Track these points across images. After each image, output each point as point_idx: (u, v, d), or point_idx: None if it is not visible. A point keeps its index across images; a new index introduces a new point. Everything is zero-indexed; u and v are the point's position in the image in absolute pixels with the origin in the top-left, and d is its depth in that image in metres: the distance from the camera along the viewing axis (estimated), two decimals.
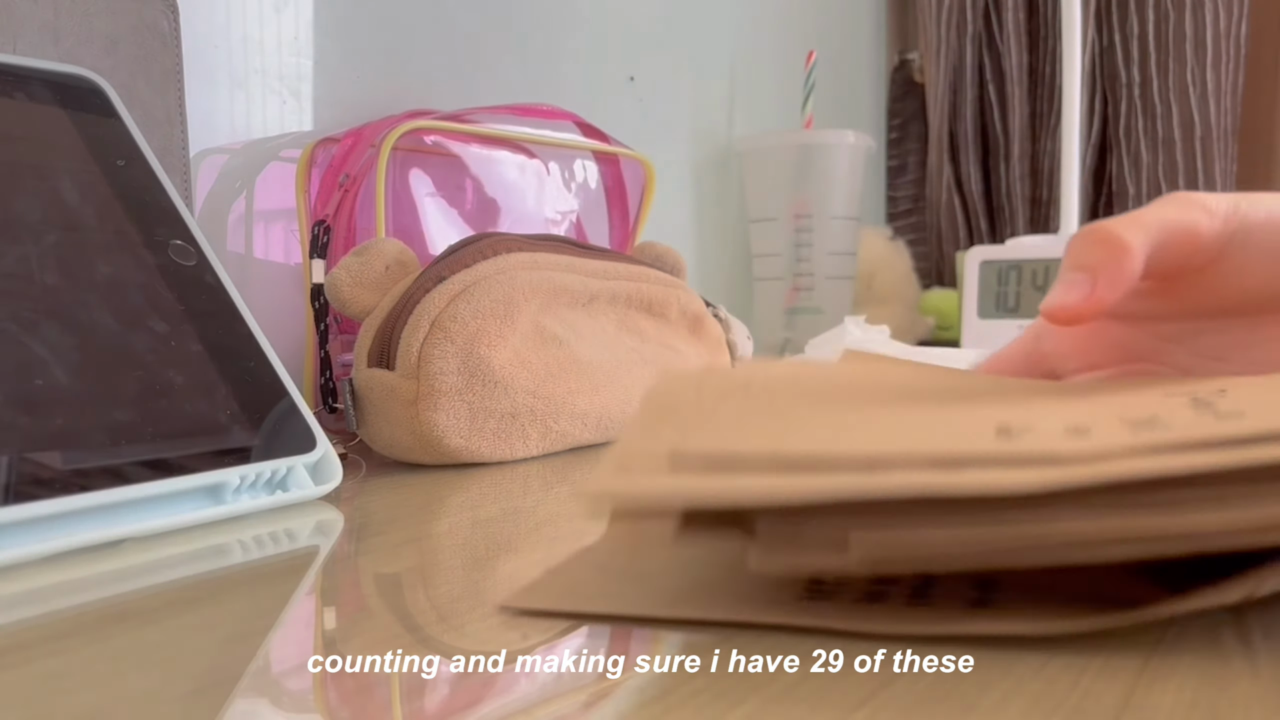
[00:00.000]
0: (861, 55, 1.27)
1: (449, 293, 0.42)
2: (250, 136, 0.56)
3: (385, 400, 0.42)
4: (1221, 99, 1.08)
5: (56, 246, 0.33)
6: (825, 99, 1.05)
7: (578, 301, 0.47)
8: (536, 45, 0.74)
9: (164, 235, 0.37)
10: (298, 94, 0.58)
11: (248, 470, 0.33)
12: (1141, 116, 1.11)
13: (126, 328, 0.33)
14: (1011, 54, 1.18)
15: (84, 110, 0.38)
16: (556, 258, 0.47)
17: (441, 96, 0.66)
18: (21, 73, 0.37)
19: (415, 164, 0.55)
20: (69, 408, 0.30)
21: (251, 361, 0.37)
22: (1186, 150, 1.09)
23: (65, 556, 0.28)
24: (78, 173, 0.36)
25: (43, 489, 0.28)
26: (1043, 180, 1.19)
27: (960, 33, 1.20)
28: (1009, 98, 1.19)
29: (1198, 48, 1.07)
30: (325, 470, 0.37)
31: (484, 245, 0.45)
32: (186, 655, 0.20)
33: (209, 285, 0.37)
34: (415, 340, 0.41)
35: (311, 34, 0.59)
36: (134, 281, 0.35)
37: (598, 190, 0.65)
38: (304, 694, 0.19)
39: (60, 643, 0.21)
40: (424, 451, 0.42)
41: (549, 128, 0.60)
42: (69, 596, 0.25)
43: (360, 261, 0.44)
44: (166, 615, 0.23)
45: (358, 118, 0.59)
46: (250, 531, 0.32)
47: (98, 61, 0.43)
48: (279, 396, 0.36)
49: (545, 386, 0.44)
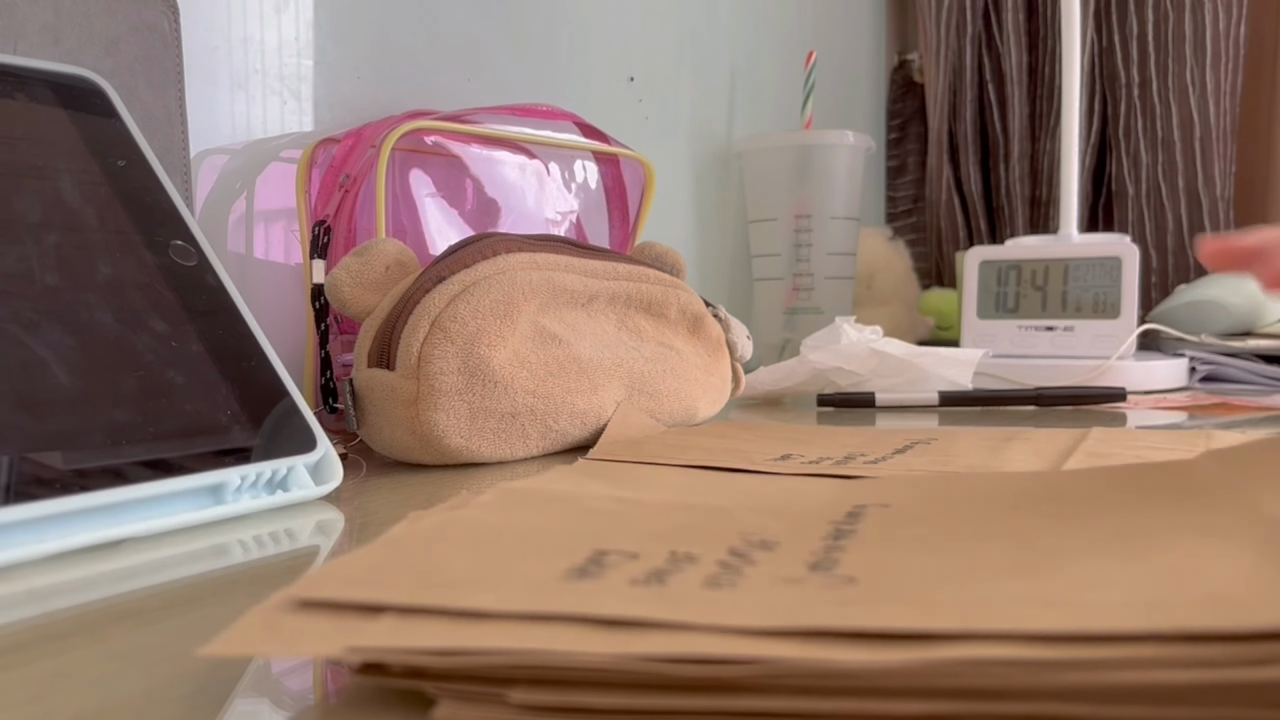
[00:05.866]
0: (861, 55, 1.27)
1: (449, 293, 0.42)
2: (251, 137, 0.56)
3: (385, 400, 0.42)
4: (1221, 99, 1.08)
5: (57, 247, 0.33)
6: (825, 99, 1.05)
7: (577, 301, 0.47)
8: (536, 45, 0.74)
9: (164, 235, 0.37)
10: (298, 94, 0.58)
11: (248, 470, 0.33)
12: (1141, 117, 1.11)
13: (127, 328, 0.33)
14: (1011, 54, 1.18)
15: (84, 111, 0.38)
16: (556, 258, 0.47)
17: (441, 97, 0.66)
18: (22, 73, 0.37)
19: (415, 164, 0.55)
20: (69, 408, 0.30)
21: (252, 361, 0.37)
22: (1186, 150, 1.09)
23: (65, 556, 0.28)
24: (78, 173, 0.36)
25: (43, 489, 0.28)
26: (1042, 180, 1.19)
27: (960, 33, 1.20)
28: (1009, 98, 1.19)
29: (1197, 48, 1.08)
30: (326, 470, 0.37)
31: (484, 245, 0.45)
32: (186, 655, 0.20)
33: (209, 285, 0.37)
34: (415, 340, 0.41)
35: (312, 34, 0.59)
36: (134, 282, 0.35)
37: (598, 191, 0.65)
38: (304, 694, 0.19)
39: (60, 643, 0.21)
40: (424, 451, 0.42)
41: (549, 128, 0.60)
42: (69, 596, 0.25)
43: (360, 262, 0.44)
44: (166, 615, 0.23)
45: (358, 118, 0.59)
46: (251, 531, 0.32)
47: (98, 62, 0.43)
48: (279, 396, 0.36)
49: (545, 386, 0.44)
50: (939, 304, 1.11)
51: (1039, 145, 1.19)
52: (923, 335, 1.05)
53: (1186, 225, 1.09)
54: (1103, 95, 1.15)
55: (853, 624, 0.16)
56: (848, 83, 1.23)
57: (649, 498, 0.30)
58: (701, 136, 0.94)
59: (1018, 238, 0.83)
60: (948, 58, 1.20)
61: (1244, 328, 0.83)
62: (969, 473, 0.36)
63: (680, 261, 0.56)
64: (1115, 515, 0.23)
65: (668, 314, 0.52)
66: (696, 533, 0.24)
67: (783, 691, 0.16)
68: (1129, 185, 1.12)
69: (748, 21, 1.01)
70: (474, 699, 0.16)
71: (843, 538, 0.23)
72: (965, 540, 0.22)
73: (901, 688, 0.15)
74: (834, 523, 0.25)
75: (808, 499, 0.30)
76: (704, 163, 0.95)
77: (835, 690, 0.15)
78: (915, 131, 1.30)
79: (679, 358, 0.52)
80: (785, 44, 1.06)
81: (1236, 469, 0.26)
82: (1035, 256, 0.78)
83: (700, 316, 0.53)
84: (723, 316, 0.56)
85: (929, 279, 1.24)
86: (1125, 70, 1.12)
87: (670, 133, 0.90)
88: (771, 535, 0.24)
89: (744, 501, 0.29)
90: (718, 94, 0.97)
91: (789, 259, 0.89)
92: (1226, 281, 0.84)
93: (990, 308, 0.80)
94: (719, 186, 0.97)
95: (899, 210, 1.31)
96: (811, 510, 0.27)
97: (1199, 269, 1.08)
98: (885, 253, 1.03)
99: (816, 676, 0.15)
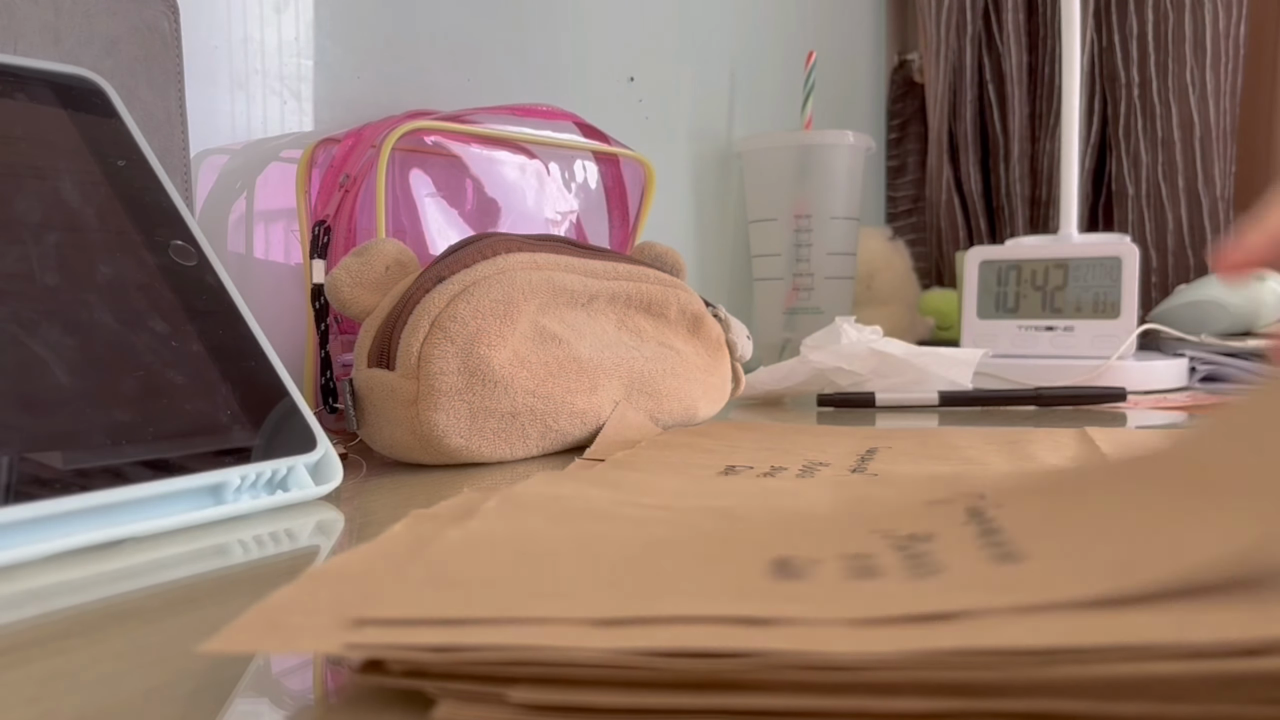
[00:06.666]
0: (861, 55, 1.27)
1: (449, 293, 0.42)
2: (251, 137, 0.56)
3: (385, 400, 0.42)
4: (1220, 99, 1.08)
5: (57, 247, 0.33)
6: (825, 99, 1.05)
7: (577, 301, 0.47)
8: (536, 45, 0.74)
9: (164, 235, 0.37)
10: (298, 94, 0.58)
11: (248, 470, 0.33)
12: (1141, 117, 1.11)
13: (127, 328, 0.33)
14: (1011, 54, 1.18)
15: (85, 111, 0.38)
16: (556, 258, 0.47)
17: (441, 97, 0.66)
18: (22, 73, 0.37)
19: (415, 164, 0.55)
20: (69, 408, 0.30)
21: (252, 361, 0.37)
22: (1186, 150, 1.09)
23: (65, 556, 0.28)
24: (78, 173, 0.36)
25: (43, 489, 0.28)
26: (1042, 180, 1.19)
27: (960, 33, 1.20)
28: (1009, 98, 1.19)
29: (1197, 48, 1.07)
30: (326, 470, 0.37)
31: (484, 245, 0.45)
32: (186, 655, 0.20)
33: (209, 285, 0.37)
34: (415, 340, 0.41)
35: (312, 34, 0.59)
36: (134, 282, 0.35)
37: (598, 190, 0.65)
38: (304, 694, 0.19)
39: (60, 643, 0.21)
40: (424, 451, 0.42)
41: (549, 128, 0.60)
42: (69, 596, 0.25)
43: (360, 262, 0.44)
44: (166, 615, 0.23)
45: (358, 118, 0.59)
46: (251, 531, 0.32)
47: (98, 62, 0.43)
48: (279, 396, 0.36)
49: (545, 386, 0.44)
50: (939, 304, 1.11)
51: (1039, 145, 1.19)
52: (923, 335, 1.05)
53: (1186, 225, 1.09)
54: (1103, 95, 1.15)
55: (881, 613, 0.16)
56: (848, 83, 1.23)
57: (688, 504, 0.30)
58: (701, 136, 0.94)
59: (1018, 238, 0.83)
60: (948, 58, 1.20)
61: (1244, 328, 0.83)
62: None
63: (680, 261, 0.56)
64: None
65: (668, 314, 0.52)
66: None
67: (783, 689, 0.16)
68: (1129, 185, 1.12)
69: (748, 21, 1.01)
70: (474, 699, 0.16)
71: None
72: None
73: (900, 683, 0.15)
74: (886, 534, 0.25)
75: (802, 503, 0.29)
76: (704, 163, 0.95)
77: (835, 687, 0.15)
78: (915, 131, 1.30)
79: (679, 358, 0.52)
80: (785, 44, 1.06)
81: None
82: (1035, 256, 0.78)
83: (700, 316, 0.53)
84: (723, 316, 0.56)
85: (929, 279, 1.24)
86: (1125, 70, 1.12)
87: (670, 133, 0.90)
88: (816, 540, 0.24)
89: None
90: (718, 94, 0.97)
91: (789, 259, 0.89)
92: None
93: (990, 308, 0.80)
94: (719, 186, 0.97)
95: (899, 210, 1.31)
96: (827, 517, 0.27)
97: (1199, 269, 1.08)
98: (885, 253, 1.03)
99: (810, 669, 0.15)
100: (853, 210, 0.91)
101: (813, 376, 0.66)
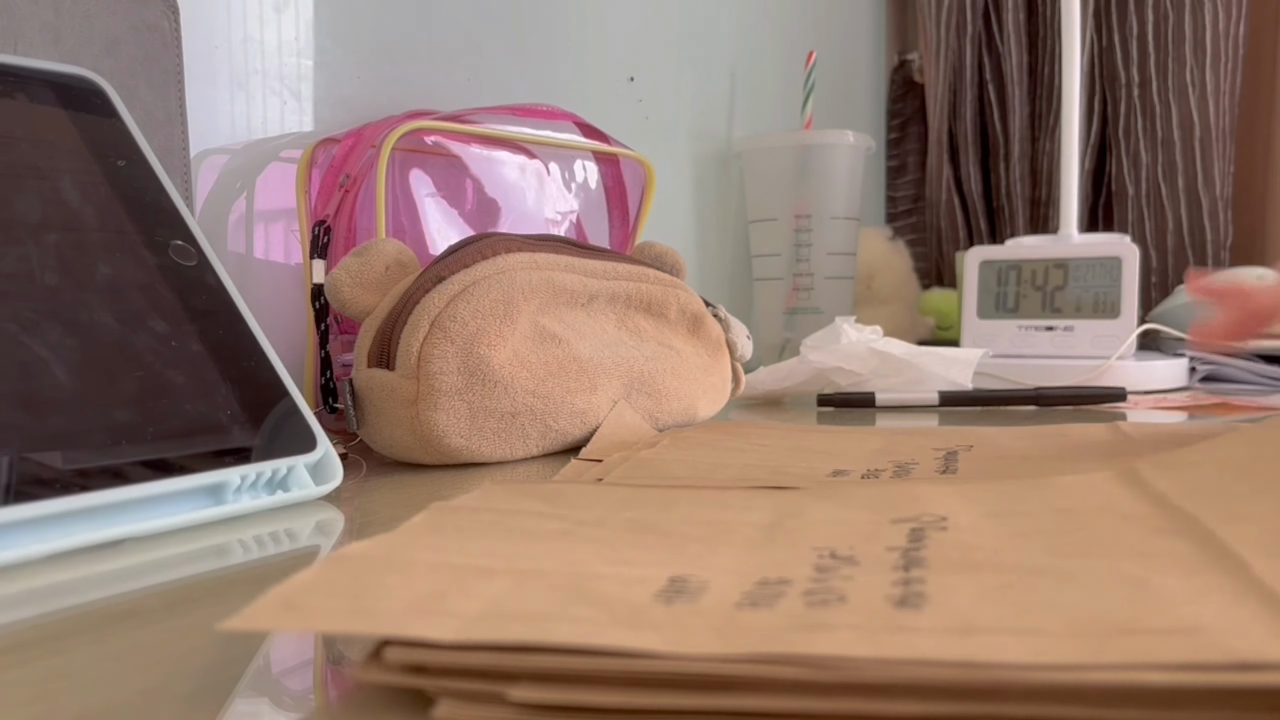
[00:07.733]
0: (861, 55, 1.27)
1: (449, 293, 0.42)
2: (251, 137, 0.56)
3: (385, 400, 0.42)
4: (1220, 99, 1.08)
5: (57, 247, 0.33)
6: (825, 99, 1.05)
7: (577, 301, 0.47)
8: (536, 45, 0.74)
9: (164, 235, 0.37)
10: (298, 94, 0.58)
11: (248, 470, 0.33)
12: (1140, 117, 1.11)
13: (127, 328, 0.33)
14: (1011, 54, 1.18)
15: (85, 111, 0.38)
16: (556, 258, 0.47)
17: (441, 97, 0.66)
18: (22, 73, 0.37)
19: (415, 164, 0.55)
20: (69, 408, 0.30)
21: (252, 361, 0.37)
22: (1185, 150, 1.09)
23: (65, 556, 0.28)
24: (78, 173, 0.36)
25: (43, 489, 0.28)
26: (1042, 180, 1.19)
27: (960, 33, 1.20)
28: (1009, 98, 1.19)
29: (1197, 48, 1.07)
30: (326, 470, 0.37)
31: (484, 245, 0.45)
32: (186, 655, 0.20)
33: (209, 285, 0.37)
34: (415, 340, 0.41)
35: (312, 34, 0.59)
36: (134, 282, 0.35)
37: (598, 190, 0.65)
38: (304, 694, 0.19)
39: (60, 643, 0.21)
40: (424, 451, 0.42)
41: (549, 128, 0.60)
42: (69, 596, 0.25)
43: (360, 262, 0.44)
44: (166, 615, 0.23)
45: (358, 118, 0.59)
46: (251, 531, 0.32)
47: (98, 62, 0.43)
48: (279, 396, 0.36)
49: (545, 386, 0.44)
50: (939, 304, 1.11)
51: (1039, 145, 1.19)
52: (923, 335, 1.05)
53: (1186, 225, 1.09)
54: (1103, 95, 1.15)
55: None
56: (848, 83, 1.23)
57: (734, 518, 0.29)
58: (701, 136, 0.94)
59: (1018, 238, 0.83)
60: (948, 58, 1.20)
61: None
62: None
63: (680, 261, 0.56)
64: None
65: (668, 314, 0.52)
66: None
67: (783, 689, 0.16)
68: (1129, 185, 1.12)
69: (748, 21, 1.01)
70: (474, 698, 0.16)
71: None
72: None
73: (898, 685, 0.15)
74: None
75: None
76: (704, 163, 0.95)
77: (834, 689, 0.15)
78: (915, 131, 1.30)
79: (679, 358, 0.52)
80: (785, 44, 1.06)
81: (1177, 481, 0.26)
82: (1035, 256, 0.78)
83: (700, 316, 0.53)
84: (723, 316, 0.56)
85: (929, 279, 1.24)
86: (1125, 70, 1.12)
87: (670, 133, 0.90)
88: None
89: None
90: (718, 94, 0.97)
91: (789, 259, 0.89)
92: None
93: (990, 308, 0.80)
94: (719, 186, 0.97)
95: (899, 210, 1.31)
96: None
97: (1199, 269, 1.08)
98: (885, 253, 1.03)
99: (813, 670, 0.15)
100: (853, 210, 0.91)
101: (813, 376, 0.66)
